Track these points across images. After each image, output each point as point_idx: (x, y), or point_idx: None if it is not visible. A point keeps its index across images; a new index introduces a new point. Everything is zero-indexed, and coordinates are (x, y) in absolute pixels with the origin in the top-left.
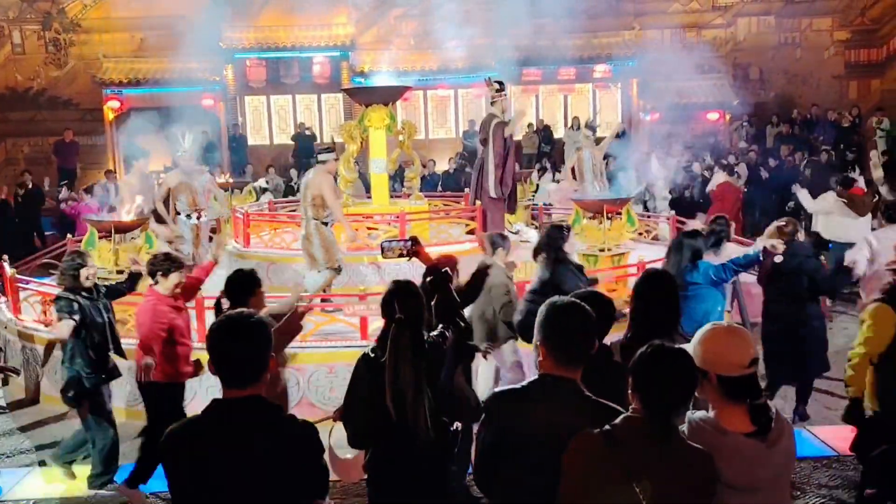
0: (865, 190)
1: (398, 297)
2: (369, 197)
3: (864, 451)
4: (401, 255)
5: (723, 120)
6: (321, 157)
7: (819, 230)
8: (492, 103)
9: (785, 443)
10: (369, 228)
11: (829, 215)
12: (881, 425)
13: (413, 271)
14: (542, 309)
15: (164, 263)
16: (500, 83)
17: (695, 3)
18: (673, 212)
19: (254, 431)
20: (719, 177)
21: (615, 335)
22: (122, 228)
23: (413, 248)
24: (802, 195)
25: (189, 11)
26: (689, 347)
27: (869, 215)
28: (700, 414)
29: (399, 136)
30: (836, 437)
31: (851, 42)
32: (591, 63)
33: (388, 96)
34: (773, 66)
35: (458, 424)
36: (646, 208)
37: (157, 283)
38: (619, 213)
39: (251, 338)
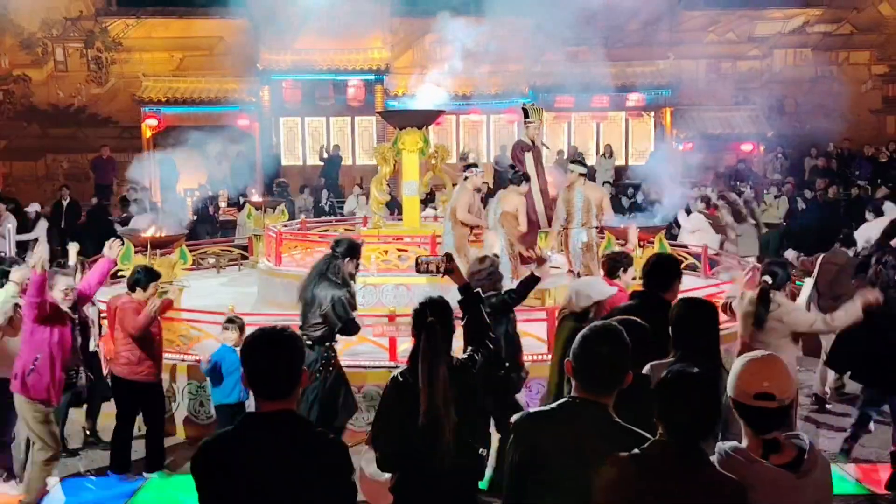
0: None
1: (430, 310)
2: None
3: None
4: (436, 272)
5: (756, 151)
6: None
7: None
8: (526, 128)
9: (818, 476)
10: (399, 250)
11: None
12: None
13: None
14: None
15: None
16: (526, 112)
17: (731, 34)
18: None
19: (285, 446)
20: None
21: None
22: (158, 244)
23: (448, 266)
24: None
25: (227, 33)
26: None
27: None
28: (731, 443)
29: (432, 159)
30: (870, 475)
31: (890, 76)
32: (624, 91)
33: (422, 120)
34: (809, 98)
35: (483, 450)
36: (672, 237)
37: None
38: (651, 242)
39: (285, 351)
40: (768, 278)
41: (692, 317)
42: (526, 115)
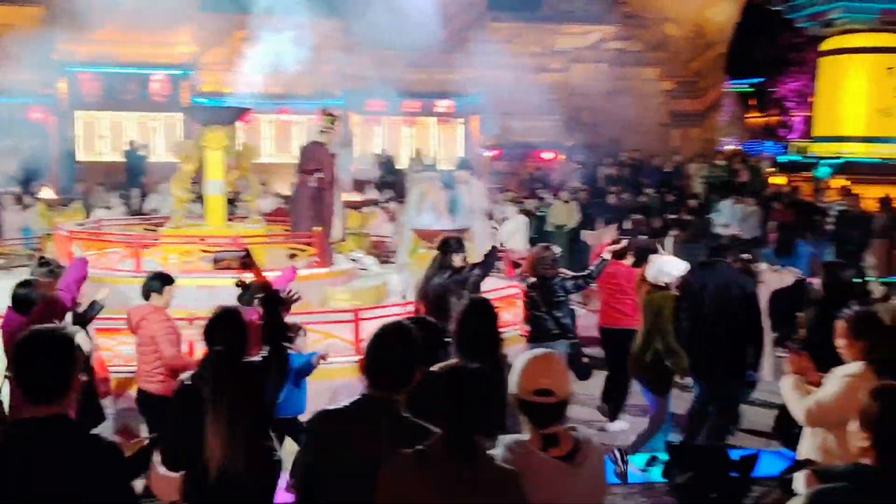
0: None
1: (221, 326)
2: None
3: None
4: (238, 267)
5: (557, 159)
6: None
7: None
8: (321, 132)
9: (591, 465)
10: (203, 251)
11: None
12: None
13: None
14: (372, 333)
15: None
16: (333, 115)
17: (535, 46)
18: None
19: (56, 451)
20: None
21: None
22: None
23: (246, 261)
24: None
25: (19, 20)
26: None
27: None
28: (513, 437)
29: (238, 158)
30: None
31: (675, 92)
32: (434, 97)
33: (228, 117)
34: (605, 110)
35: (279, 453)
36: None
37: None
38: None
39: (54, 353)
40: None
41: (475, 318)
42: (330, 122)
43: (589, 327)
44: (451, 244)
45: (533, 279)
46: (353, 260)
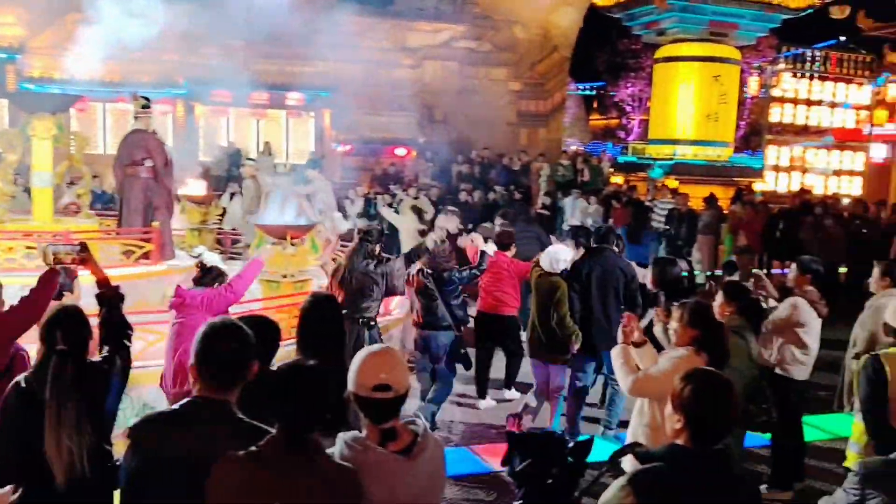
0: None
1: (62, 325)
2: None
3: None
4: (70, 262)
5: (410, 156)
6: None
7: None
8: (136, 118)
9: (428, 457)
10: (28, 248)
11: None
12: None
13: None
14: (199, 331)
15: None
16: (147, 99)
17: (386, 42)
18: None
19: None
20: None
21: None
22: None
23: (82, 255)
24: None
25: None
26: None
27: None
28: (351, 433)
29: (69, 148)
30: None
31: (522, 93)
32: (283, 90)
33: (57, 104)
34: (455, 108)
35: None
36: None
37: None
38: (304, 240)
39: None
40: None
41: (318, 313)
42: (143, 106)
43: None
44: (372, 234)
45: (429, 270)
46: (196, 256)
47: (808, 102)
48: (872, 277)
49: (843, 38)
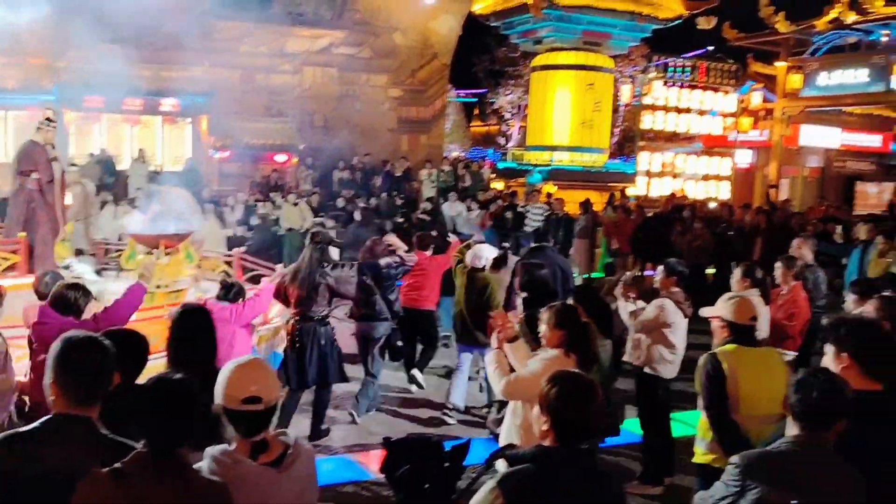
0: None
1: None
2: None
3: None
4: None
5: (290, 163)
6: None
7: None
8: (37, 129)
9: (300, 468)
10: None
11: None
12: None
13: None
14: (54, 345)
15: None
16: (52, 115)
17: (264, 47)
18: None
19: None
20: None
21: None
22: None
23: None
24: None
25: None
26: None
27: None
28: (220, 447)
29: None
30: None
31: (403, 99)
32: (158, 96)
33: None
34: (336, 115)
35: None
36: None
37: None
38: (178, 249)
39: None
40: None
41: (187, 324)
42: (48, 119)
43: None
44: (324, 237)
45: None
46: (66, 268)
47: (678, 110)
48: (733, 278)
49: (710, 48)
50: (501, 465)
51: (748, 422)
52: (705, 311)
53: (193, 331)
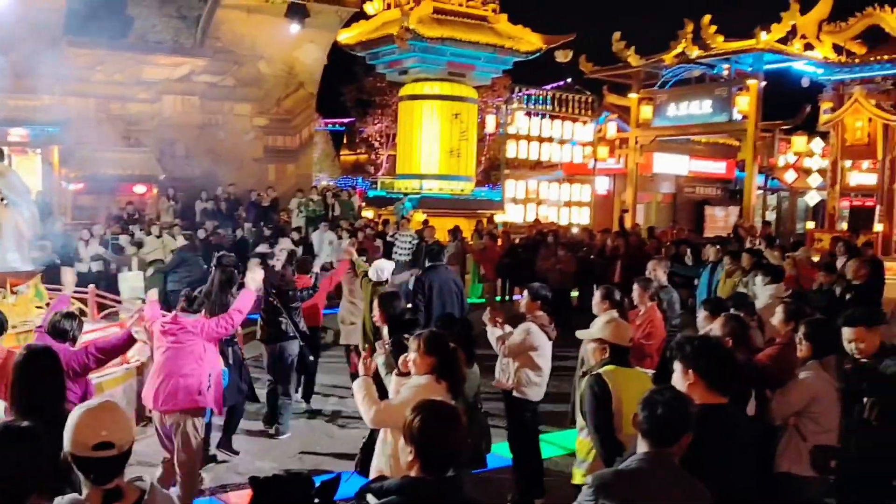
0: None
1: None
2: None
3: None
4: None
5: (150, 193)
6: None
7: None
8: None
9: None
10: None
11: None
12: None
13: None
14: None
15: None
16: None
17: (119, 75)
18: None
19: None
20: None
21: None
22: None
23: None
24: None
25: None
26: None
27: None
28: (69, 496)
29: None
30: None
31: (268, 128)
32: (6, 125)
33: None
34: (199, 144)
35: None
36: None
37: None
38: (27, 286)
39: None
40: None
41: (33, 367)
42: None
43: None
44: (230, 260)
45: (274, 289)
46: None
47: (540, 139)
48: (594, 300)
49: (568, 81)
50: (372, 500)
51: (630, 441)
52: (581, 334)
53: (40, 374)
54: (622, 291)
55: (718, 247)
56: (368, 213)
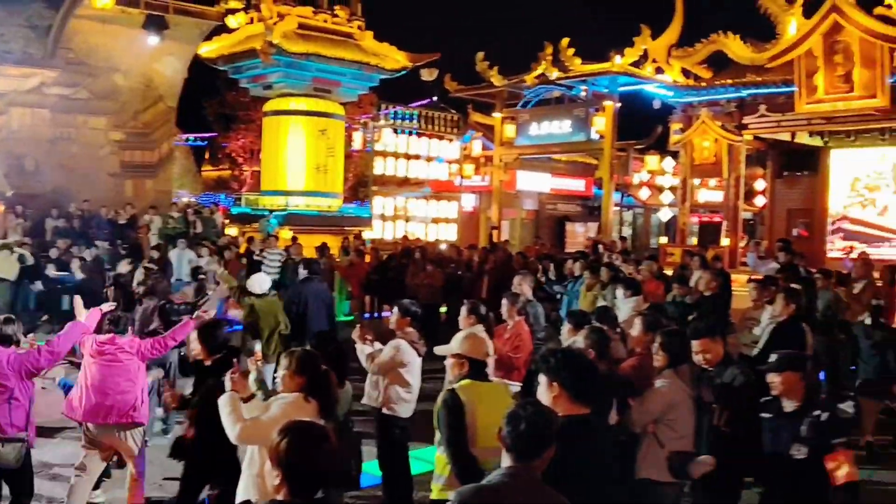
0: None
1: None
2: None
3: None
4: None
5: None
6: None
7: None
8: None
9: None
10: None
11: None
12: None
13: None
14: None
15: None
16: None
17: None
18: None
19: None
20: None
21: None
22: None
23: None
24: None
25: None
26: None
27: None
28: None
29: None
30: None
31: (125, 143)
32: None
33: None
34: (49, 159)
35: None
36: None
37: None
38: None
39: None
40: None
41: None
42: None
43: None
44: (126, 279)
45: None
46: None
47: (407, 156)
48: (461, 316)
49: (434, 99)
50: None
51: (485, 454)
52: (441, 350)
53: None
54: (490, 306)
55: (581, 262)
56: (232, 231)
